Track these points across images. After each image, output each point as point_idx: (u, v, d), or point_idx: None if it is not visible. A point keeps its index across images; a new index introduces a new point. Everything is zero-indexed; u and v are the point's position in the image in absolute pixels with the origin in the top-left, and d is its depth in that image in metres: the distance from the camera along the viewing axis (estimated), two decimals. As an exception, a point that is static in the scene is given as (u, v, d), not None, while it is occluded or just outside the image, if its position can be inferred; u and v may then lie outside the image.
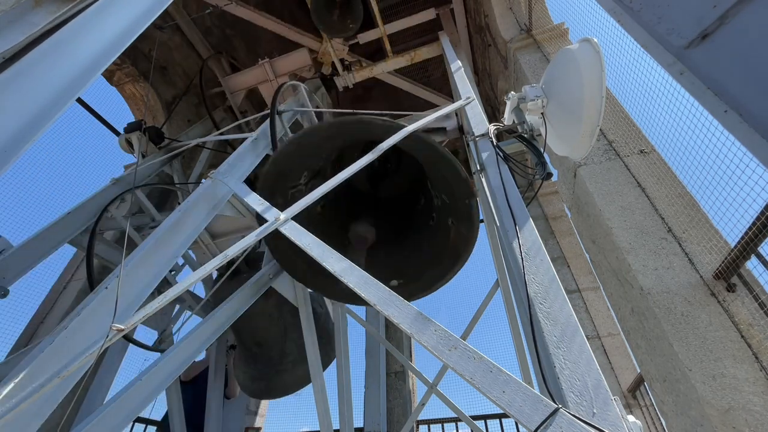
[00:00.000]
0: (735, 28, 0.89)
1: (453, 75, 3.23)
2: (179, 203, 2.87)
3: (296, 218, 1.63)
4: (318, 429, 2.49)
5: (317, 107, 4.32)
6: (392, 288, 1.24)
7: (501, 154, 1.73)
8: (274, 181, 2.14)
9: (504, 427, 3.99)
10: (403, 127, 1.89)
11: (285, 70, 4.81)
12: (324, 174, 2.52)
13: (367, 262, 2.11)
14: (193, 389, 3.44)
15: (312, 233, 1.54)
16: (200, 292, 4.67)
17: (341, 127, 2.15)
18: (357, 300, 2.39)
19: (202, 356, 3.73)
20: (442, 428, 4.38)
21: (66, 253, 4.25)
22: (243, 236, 1.57)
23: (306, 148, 2.17)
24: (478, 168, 1.90)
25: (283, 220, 1.60)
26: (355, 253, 2.08)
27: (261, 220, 1.72)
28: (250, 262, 2.80)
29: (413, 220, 2.72)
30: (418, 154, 2.18)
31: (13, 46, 1.16)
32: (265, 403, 5.47)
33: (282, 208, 1.67)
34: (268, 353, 2.88)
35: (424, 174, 2.50)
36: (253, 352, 2.93)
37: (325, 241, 1.49)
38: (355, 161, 1.79)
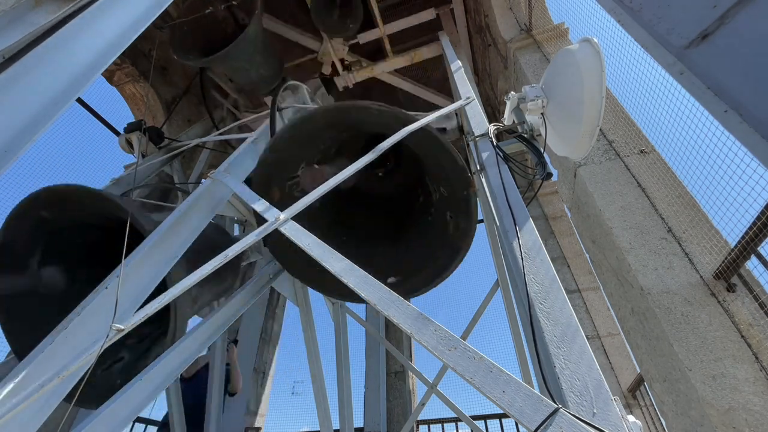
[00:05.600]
0: (735, 28, 0.89)
1: (453, 75, 3.23)
2: (179, 203, 2.87)
3: (297, 216, 1.62)
4: (318, 429, 2.49)
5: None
6: (390, 285, 1.23)
7: (501, 154, 1.73)
8: (271, 170, 2.07)
9: (504, 427, 3.99)
10: (404, 116, 1.87)
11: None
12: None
13: (365, 259, 2.08)
14: (192, 387, 3.43)
15: (311, 229, 1.53)
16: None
17: (338, 114, 2.08)
18: (357, 297, 2.35)
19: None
20: (442, 428, 4.38)
21: (66, 253, 4.23)
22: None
23: (303, 136, 2.11)
24: (478, 168, 1.89)
25: (283, 220, 1.60)
26: (354, 251, 2.03)
27: (261, 220, 1.71)
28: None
29: (412, 216, 2.65)
30: (417, 146, 2.15)
31: (13, 46, 1.16)
32: (265, 403, 5.47)
33: (278, 199, 1.65)
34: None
35: (423, 167, 2.47)
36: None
37: (322, 238, 1.48)
38: (354, 153, 1.77)
